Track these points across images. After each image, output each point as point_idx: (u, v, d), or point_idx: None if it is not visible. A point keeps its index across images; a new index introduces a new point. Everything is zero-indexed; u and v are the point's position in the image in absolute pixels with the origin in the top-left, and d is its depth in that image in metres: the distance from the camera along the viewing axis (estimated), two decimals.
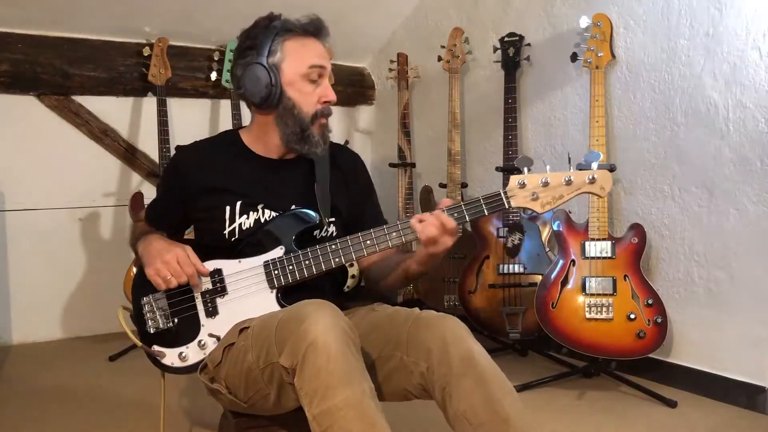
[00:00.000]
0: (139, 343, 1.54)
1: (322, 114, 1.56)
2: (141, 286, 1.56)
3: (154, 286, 1.51)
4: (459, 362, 1.30)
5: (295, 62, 1.52)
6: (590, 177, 1.42)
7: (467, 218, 1.44)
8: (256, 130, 1.61)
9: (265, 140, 1.60)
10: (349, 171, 1.70)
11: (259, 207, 1.56)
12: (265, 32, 1.53)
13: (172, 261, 1.47)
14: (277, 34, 1.52)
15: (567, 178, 1.42)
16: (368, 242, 1.47)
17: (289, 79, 1.52)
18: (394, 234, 1.46)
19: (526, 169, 1.43)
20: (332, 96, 1.55)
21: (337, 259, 1.48)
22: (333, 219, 1.61)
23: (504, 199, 1.43)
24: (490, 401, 1.27)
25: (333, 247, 1.48)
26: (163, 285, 1.47)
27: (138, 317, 1.56)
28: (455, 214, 1.43)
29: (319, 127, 1.56)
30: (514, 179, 1.43)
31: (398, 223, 1.48)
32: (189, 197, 1.58)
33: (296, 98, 1.53)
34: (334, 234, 1.61)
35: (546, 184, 1.42)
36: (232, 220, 1.55)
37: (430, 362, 1.34)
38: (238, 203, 1.55)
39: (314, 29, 1.55)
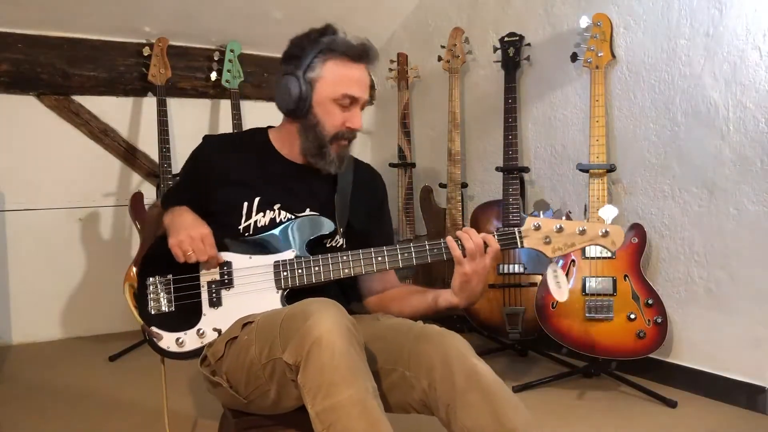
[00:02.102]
0: (140, 320, 1.53)
1: (342, 136, 1.56)
2: (150, 265, 1.56)
3: (163, 269, 1.52)
4: (463, 379, 1.29)
5: (329, 85, 1.52)
6: (603, 231, 1.47)
7: None
8: (283, 134, 1.63)
9: (290, 145, 1.61)
10: (369, 188, 1.71)
11: (276, 207, 1.57)
12: (310, 45, 1.53)
13: (197, 238, 1.47)
14: (321, 51, 1.52)
15: (581, 228, 1.46)
16: (380, 258, 1.49)
17: (319, 99, 1.53)
18: (407, 254, 1.49)
19: (541, 213, 1.48)
20: (358, 124, 1.56)
21: (346, 270, 1.50)
22: (346, 231, 1.62)
23: (518, 239, 1.48)
24: (496, 416, 1.26)
25: (344, 258, 1.50)
26: (181, 258, 1.47)
27: (141, 296, 1.55)
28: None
29: (337, 148, 1.57)
30: (530, 221, 1.47)
31: (412, 245, 1.49)
32: (210, 185, 1.58)
33: (321, 117, 1.54)
34: (343, 246, 1.62)
35: (560, 230, 1.47)
36: (249, 216, 1.56)
37: (431, 379, 1.33)
38: (256, 200, 1.56)
39: (359, 54, 1.53)
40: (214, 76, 3.40)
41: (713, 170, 2.34)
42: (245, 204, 1.56)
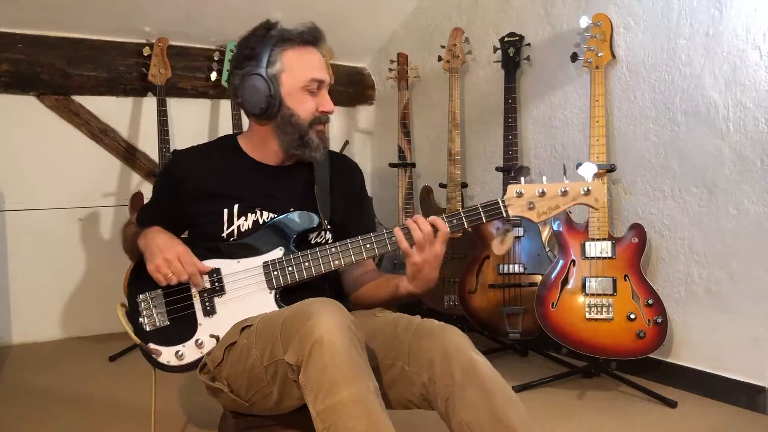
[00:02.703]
0: (138, 340, 1.53)
1: (319, 121, 1.57)
2: (137, 282, 1.56)
3: (151, 283, 1.51)
4: (461, 373, 1.30)
5: (294, 74, 1.52)
6: (585, 189, 1.46)
7: (466, 225, 1.46)
8: (255, 138, 1.62)
9: (263, 148, 1.61)
10: (346, 178, 1.71)
11: (257, 210, 1.57)
12: (263, 41, 1.52)
13: (173, 259, 1.47)
14: (275, 44, 1.51)
15: (563, 189, 1.46)
16: (368, 245, 1.49)
17: (288, 90, 1.53)
18: (394, 238, 1.47)
19: (522, 179, 1.47)
20: (330, 107, 1.57)
21: (336, 262, 1.49)
22: (330, 224, 1.62)
23: (502, 208, 1.47)
24: (494, 411, 1.26)
25: (333, 249, 1.49)
26: (163, 282, 1.48)
27: (134, 314, 1.55)
28: (454, 221, 1.46)
29: (317, 133, 1.57)
30: (512, 188, 1.47)
31: (397, 227, 1.48)
32: (184, 201, 1.58)
33: (295, 107, 1.53)
34: (330, 239, 1.62)
35: (542, 194, 1.46)
36: (231, 223, 1.55)
37: (431, 373, 1.34)
38: (236, 206, 1.56)
39: (312, 38, 1.54)
40: (214, 76, 3.40)
41: (713, 170, 2.34)
42: (225, 211, 1.55)
